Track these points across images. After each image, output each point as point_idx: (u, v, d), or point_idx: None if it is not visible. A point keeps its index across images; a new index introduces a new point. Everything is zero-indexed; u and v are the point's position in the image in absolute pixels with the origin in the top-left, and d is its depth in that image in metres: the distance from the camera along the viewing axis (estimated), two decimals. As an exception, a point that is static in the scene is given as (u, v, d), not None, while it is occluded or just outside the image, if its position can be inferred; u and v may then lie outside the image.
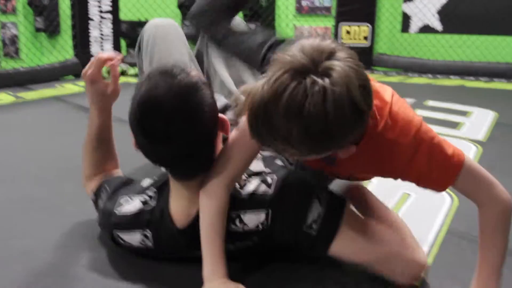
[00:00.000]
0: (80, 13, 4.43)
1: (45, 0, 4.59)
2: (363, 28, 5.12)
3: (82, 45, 4.46)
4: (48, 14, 4.44)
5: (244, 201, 1.20)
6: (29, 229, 1.50)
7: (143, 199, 1.27)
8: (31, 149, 2.35)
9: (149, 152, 1.14)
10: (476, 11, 4.90)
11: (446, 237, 1.46)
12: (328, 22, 5.36)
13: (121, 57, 1.39)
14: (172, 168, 1.20)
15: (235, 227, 1.20)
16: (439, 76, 4.81)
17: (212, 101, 1.14)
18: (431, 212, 1.63)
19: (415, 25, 5.26)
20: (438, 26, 5.16)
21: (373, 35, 5.20)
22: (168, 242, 1.25)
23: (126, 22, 4.94)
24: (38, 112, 3.19)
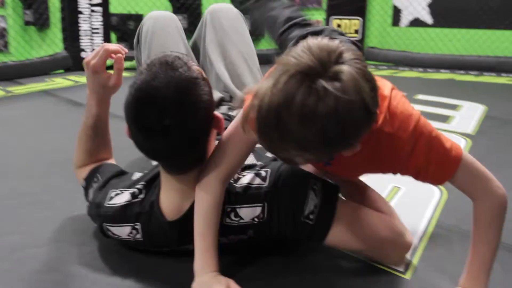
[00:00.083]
0: (69, 6, 4.40)
1: (34, -7, 4.56)
2: (354, 21, 5.12)
3: (72, 39, 4.43)
4: (37, 7, 4.40)
5: (239, 194, 1.20)
6: (19, 225, 1.49)
7: (132, 192, 1.27)
8: (20, 144, 2.33)
9: (141, 143, 1.13)
10: (466, 5, 4.93)
11: (435, 230, 1.47)
12: (319, 16, 5.36)
13: (127, 51, 1.37)
14: (163, 161, 1.20)
15: (230, 221, 1.20)
16: (429, 69, 4.83)
17: (209, 98, 1.13)
18: (421, 205, 1.64)
19: (405, 19, 5.27)
20: (428, 19, 5.18)
21: (364, 28, 5.21)
22: (158, 235, 1.25)
23: (116, 15, 4.91)
24: (28, 106, 3.17)
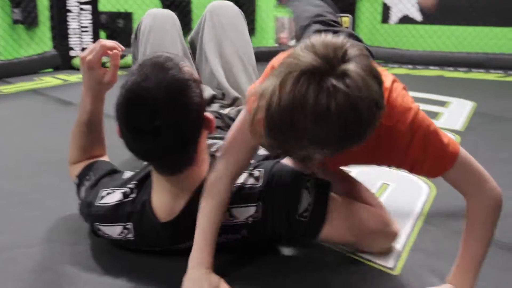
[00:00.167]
0: (58, 4, 4.37)
1: (22, -9, 4.52)
2: (344, 18, 5.13)
3: (60, 37, 4.40)
4: (25, 5, 4.36)
5: (233, 194, 1.20)
6: (8, 224, 1.48)
7: (124, 191, 1.27)
8: (8, 143, 2.32)
9: (131, 144, 1.13)
10: (455, 2, 4.95)
11: (423, 226, 1.48)
12: (308, 13, 5.36)
13: (123, 48, 1.37)
14: (153, 162, 1.20)
15: (224, 221, 1.20)
16: (419, 66, 4.85)
17: (200, 99, 1.14)
18: (409, 202, 1.65)
19: (395, 16, 5.29)
20: (417, 16, 5.20)
21: (353, 25, 5.22)
22: (150, 235, 1.25)
23: (105, 13, 4.89)
24: (16, 105, 3.15)
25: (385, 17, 5.33)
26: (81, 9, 4.45)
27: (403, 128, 1.04)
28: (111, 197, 1.27)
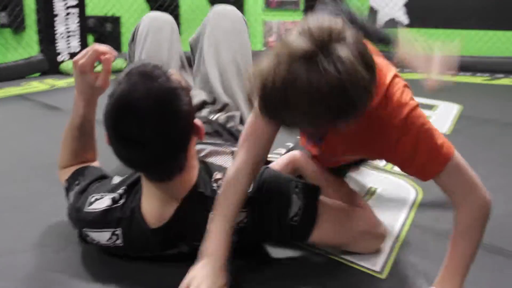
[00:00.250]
0: (45, 8, 4.34)
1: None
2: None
3: (48, 41, 4.37)
4: (12, 9, 4.33)
5: None
6: (2, 230, 1.47)
7: (113, 197, 1.26)
8: (-3, 149, 2.30)
9: (121, 153, 1.14)
10: (442, 5, 4.99)
11: (410, 230, 1.49)
12: (297, 17, 5.38)
13: (116, 54, 1.38)
14: (143, 171, 1.20)
15: None
16: (406, 70, 4.88)
17: (189, 107, 1.14)
18: (396, 206, 1.66)
19: (381, 19, 5.32)
20: (404, 19, 5.24)
21: (341, 29, 5.24)
22: (139, 241, 1.25)
23: (93, 17, 4.87)
24: (3, 111, 3.12)
25: (372, 21, 5.36)
26: (68, 13, 4.43)
27: (396, 121, 1.06)
28: (100, 202, 1.27)
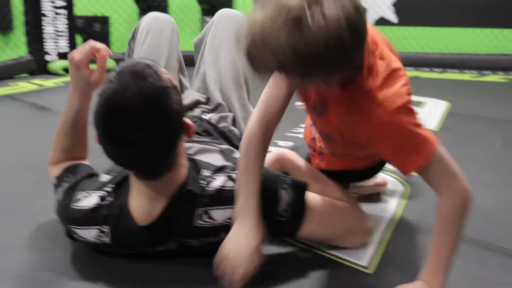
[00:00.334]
0: (33, 9, 4.33)
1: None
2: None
3: (36, 42, 4.36)
4: (-1, 10, 4.32)
5: (211, 197, 1.21)
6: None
7: (101, 194, 1.26)
8: (-16, 150, 2.29)
9: (111, 152, 1.13)
10: (430, 4, 5.02)
11: (397, 225, 1.50)
12: (286, 16, 5.39)
13: (112, 53, 1.39)
14: (132, 169, 1.21)
15: (202, 223, 1.21)
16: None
17: (179, 106, 1.14)
18: (384, 201, 1.67)
19: (370, 18, 5.35)
20: (393, 18, 5.27)
21: (330, 28, 5.25)
22: (127, 238, 1.24)
23: (82, 18, 4.86)
24: (-9, 111, 3.11)
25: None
26: (56, 14, 4.41)
27: (385, 111, 1.08)
28: (88, 200, 1.26)
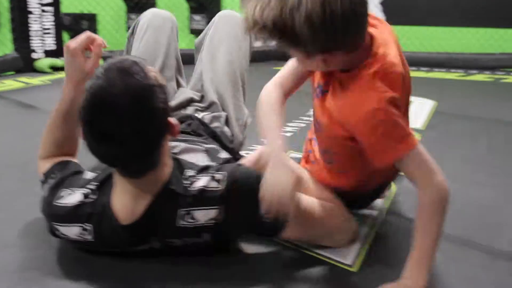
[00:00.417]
0: (19, 6, 4.29)
1: (-18, -7, 4.42)
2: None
3: (22, 39, 4.32)
4: (-15, 7, 4.28)
5: (194, 197, 1.20)
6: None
7: (84, 192, 1.26)
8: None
9: (95, 149, 1.13)
10: (417, 3, 5.04)
11: (382, 223, 1.51)
12: (274, 14, 5.39)
13: (107, 45, 1.42)
14: (116, 167, 1.20)
15: (185, 224, 1.21)
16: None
17: (164, 105, 1.14)
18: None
19: (358, 17, 5.36)
20: (380, 17, 5.28)
21: (318, 26, 5.26)
22: (110, 237, 1.24)
23: (69, 15, 4.82)
24: (-23, 109, 3.09)
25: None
26: (43, 11, 4.37)
27: (378, 98, 1.12)
28: (71, 197, 1.26)
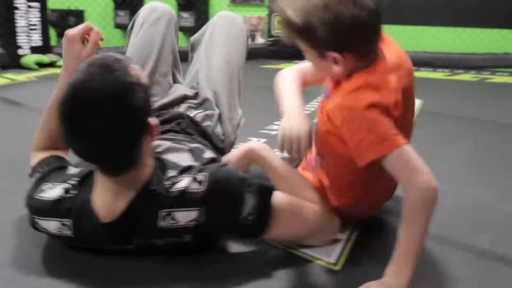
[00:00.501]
0: (5, 2, 4.25)
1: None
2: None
3: (8, 36, 4.29)
4: (-30, 3, 4.24)
5: (175, 198, 1.20)
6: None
7: (65, 187, 1.25)
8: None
9: (73, 144, 1.14)
10: (406, 3, 5.08)
11: (366, 222, 1.50)
12: (261, 12, 5.41)
13: (104, 39, 1.44)
14: (94, 163, 1.20)
15: (165, 225, 1.20)
16: (370, 65, 4.96)
17: (143, 104, 1.14)
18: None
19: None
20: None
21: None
22: (90, 234, 1.24)
23: (56, 11, 4.79)
24: (-39, 106, 3.06)
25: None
26: (29, 7, 4.34)
27: (370, 101, 1.13)
28: (52, 191, 1.25)
